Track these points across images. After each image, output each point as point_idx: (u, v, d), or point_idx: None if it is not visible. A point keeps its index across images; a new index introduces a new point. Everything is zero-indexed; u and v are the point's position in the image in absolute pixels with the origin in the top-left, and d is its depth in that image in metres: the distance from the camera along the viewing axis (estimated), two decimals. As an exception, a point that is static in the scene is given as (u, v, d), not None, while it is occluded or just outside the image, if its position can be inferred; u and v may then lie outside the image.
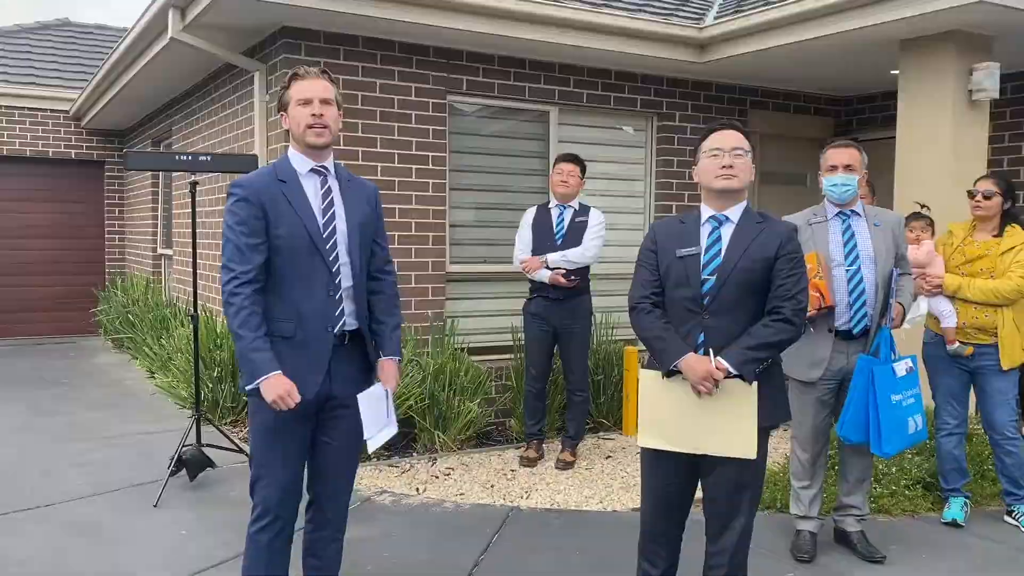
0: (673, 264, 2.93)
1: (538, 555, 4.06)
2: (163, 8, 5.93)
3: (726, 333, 2.85)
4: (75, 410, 7.00)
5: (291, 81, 2.89)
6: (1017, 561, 4.03)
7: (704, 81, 7.35)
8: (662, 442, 2.92)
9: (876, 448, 3.77)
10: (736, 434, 2.80)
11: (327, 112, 2.85)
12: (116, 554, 4.02)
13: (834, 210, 3.97)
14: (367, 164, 5.98)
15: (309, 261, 2.83)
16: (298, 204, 2.84)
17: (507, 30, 5.86)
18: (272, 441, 2.87)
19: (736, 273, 2.84)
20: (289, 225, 2.81)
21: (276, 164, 2.93)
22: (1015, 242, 4.36)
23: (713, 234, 2.93)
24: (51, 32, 12.69)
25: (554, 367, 5.83)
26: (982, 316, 4.34)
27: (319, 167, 2.93)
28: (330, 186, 2.93)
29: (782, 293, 2.84)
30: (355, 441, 3.01)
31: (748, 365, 2.79)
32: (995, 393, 4.39)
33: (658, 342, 2.90)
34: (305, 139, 2.85)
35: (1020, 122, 6.93)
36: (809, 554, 4.00)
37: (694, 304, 2.89)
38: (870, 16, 5.39)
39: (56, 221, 11.53)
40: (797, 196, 7.89)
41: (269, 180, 2.85)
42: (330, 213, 2.90)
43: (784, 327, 2.83)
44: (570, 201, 5.53)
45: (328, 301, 2.87)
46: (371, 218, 3.02)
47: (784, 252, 2.86)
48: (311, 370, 2.84)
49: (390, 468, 5.39)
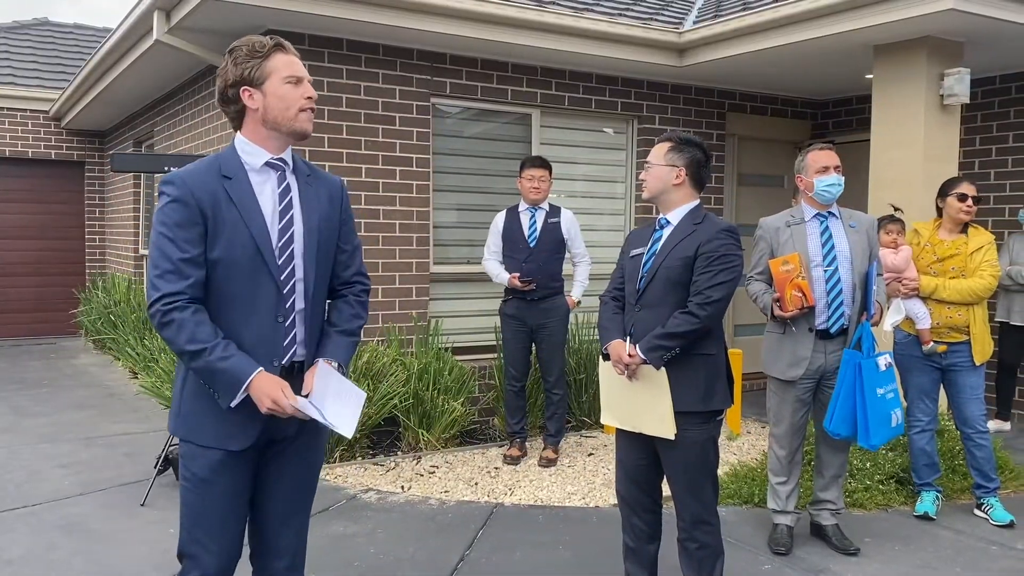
0: (627, 264, 3.35)
1: (522, 551, 4.14)
2: (148, 10, 5.95)
3: (649, 324, 3.17)
4: (59, 411, 7.00)
5: (273, 51, 2.32)
6: (986, 552, 4.16)
7: (684, 84, 7.46)
8: (615, 421, 3.32)
9: (864, 441, 3.87)
10: (655, 415, 3.13)
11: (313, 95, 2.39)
12: (105, 553, 4.05)
13: (812, 211, 4.07)
14: (351, 166, 6.04)
15: (253, 279, 2.27)
16: (244, 207, 2.27)
17: (490, 34, 5.94)
18: (205, 497, 2.31)
19: (661, 271, 3.18)
20: (232, 234, 2.24)
21: (220, 156, 2.35)
22: (983, 241, 4.51)
23: (655, 236, 3.29)
24: (29, 31, 12.62)
25: (534, 366, 5.92)
26: (955, 315, 4.47)
27: (276, 160, 2.36)
28: (289, 183, 2.38)
29: (693, 288, 3.15)
30: (304, 486, 2.49)
31: (654, 352, 3.10)
32: (967, 388, 4.51)
33: (601, 330, 3.35)
34: (295, 124, 2.33)
35: (990, 126, 7.09)
36: (786, 547, 4.12)
37: (632, 299, 3.28)
38: (845, 22, 5.51)
39: (36, 222, 11.47)
40: (773, 197, 8.04)
41: (210, 176, 2.27)
42: (287, 218, 2.34)
43: (688, 319, 3.09)
44: (540, 203, 5.63)
45: (275, 328, 2.30)
46: (334, 221, 2.46)
47: (703, 251, 3.14)
48: (249, 415, 2.25)
49: (375, 466, 5.45)
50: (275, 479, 2.43)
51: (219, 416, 2.27)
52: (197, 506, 2.33)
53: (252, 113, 2.33)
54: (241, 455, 2.32)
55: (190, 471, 2.33)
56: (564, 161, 6.98)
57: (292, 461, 2.44)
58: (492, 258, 5.69)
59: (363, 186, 6.08)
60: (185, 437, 2.34)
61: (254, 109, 2.32)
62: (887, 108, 5.85)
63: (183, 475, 2.36)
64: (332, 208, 2.46)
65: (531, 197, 5.58)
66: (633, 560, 3.38)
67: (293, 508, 2.48)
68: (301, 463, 2.46)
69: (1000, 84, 7.01)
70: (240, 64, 2.31)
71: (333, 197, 2.47)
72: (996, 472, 4.61)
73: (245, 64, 2.31)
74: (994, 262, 4.48)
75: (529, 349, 5.70)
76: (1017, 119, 6.92)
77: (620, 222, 7.41)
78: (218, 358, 2.18)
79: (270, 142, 2.35)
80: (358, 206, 6.06)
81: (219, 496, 2.32)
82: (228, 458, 2.30)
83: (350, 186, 6.03)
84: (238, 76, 2.31)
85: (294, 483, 2.46)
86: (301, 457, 2.45)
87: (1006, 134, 6.99)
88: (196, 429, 2.31)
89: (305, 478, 2.49)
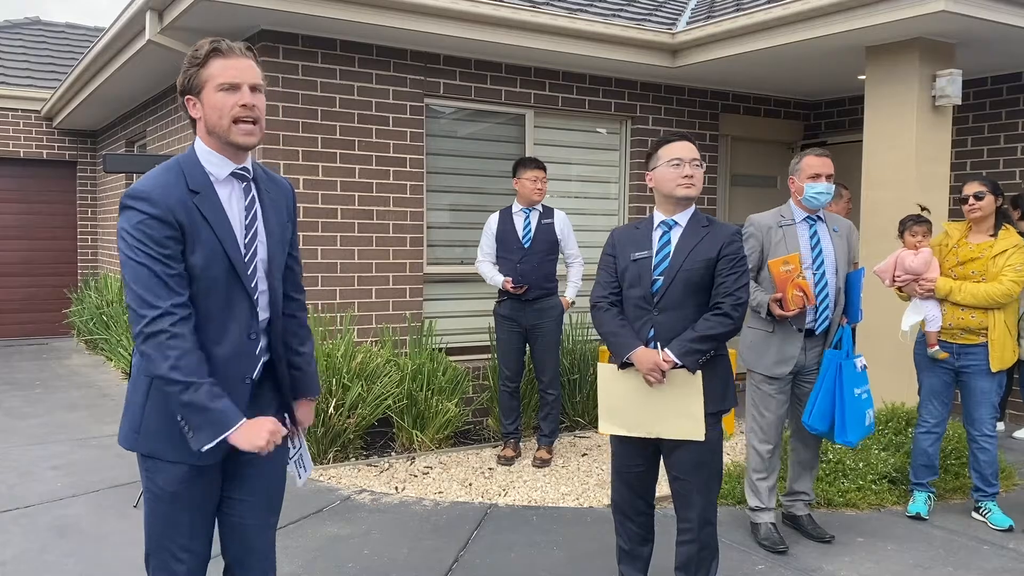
0: (629, 267, 3.21)
1: (516, 551, 4.14)
2: (140, 10, 5.94)
3: (673, 328, 3.12)
4: (51, 412, 6.98)
5: (209, 58, 2.19)
6: (979, 551, 4.18)
7: (677, 85, 7.47)
8: (620, 429, 3.21)
9: (840, 437, 4.02)
10: (685, 419, 3.08)
11: (259, 103, 2.23)
12: (98, 554, 4.04)
13: (802, 214, 4.14)
14: (345, 166, 6.04)
15: (227, 295, 2.23)
16: (217, 223, 2.20)
17: (484, 35, 5.95)
18: (173, 508, 2.28)
19: (681, 273, 3.11)
20: (206, 250, 2.18)
21: (183, 166, 2.22)
22: (1007, 244, 4.37)
23: (663, 238, 3.20)
24: (21, 31, 12.57)
25: (529, 367, 5.93)
26: (968, 317, 4.38)
27: (240, 170, 2.28)
28: (254, 195, 2.32)
29: (723, 290, 3.11)
30: (273, 494, 2.47)
31: (690, 356, 3.06)
32: (978, 392, 4.44)
33: (613, 337, 3.19)
34: (230, 136, 2.20)
35: (982, 127, 7.12)
36: (784, 545, 4.14)
37: (645, 302, 3.17)
38: (838, 23, 5.53)
39: (27, 222, 11.43)
40: (767, 198, 8.06)
41: (179, 190, 2.17)
42: (253, 230, 2.29)
43: (724, 320, 3.09)
44: (537, 204, 5.64)
45: (246, 345, 2.28)
46: (288, 229, 2.43)
47: (725, 253, 3.12)
48: None
49: (369, 467, 5.45)
50: (247, 490, 2.41)
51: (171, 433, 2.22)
52: (166, 517, 2.29)
53: (199, 123, 2.26)
54: (210, 469, 2.30)
55: (156, 485, 2.28)
56: (558, 162, 6.99)
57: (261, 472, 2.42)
58: (485, 259, 5.69)
59: (356, 187, 6.08)
60: (150, 454, 2.26)
61: (198, 119, 2.25)
62: (879, 109, 5.88)
63: (148, 487, 2.31)
64: (287, 215, 2.43)
65: (534, 198, 5.59)
66: (628, 562, 3.41)
67: (265, 517, 2.47)
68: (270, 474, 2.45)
69: (991, 85, 7.05)
70: (183, 72, 2.24)
71: (288, 204, 2.44)
72: (998, 478, 4.57)
73: (186, 72, 2.23)
74: (1018, 267, 4.30)
75: (523, 350, 5.71)
76: (1008, 120, 6.95)
77: (614, 222, 7.42)
78: (212, 396, 2.10)
79: (228, 152, 2.25)
80: (352, 206, 6.06)
81: (187, 507, 2.30)
82: (195, 471, 2.27)
83: (344, 187, 6.03)
84: (181, 85, 2.25)
85: (266, 493, 2.45)
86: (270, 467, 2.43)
87: (997, 135, 7.02)
88: (161, 446, 2.24)
89: (275, 488, 2.48)
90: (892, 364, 5.55)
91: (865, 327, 5.69)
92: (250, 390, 2.30)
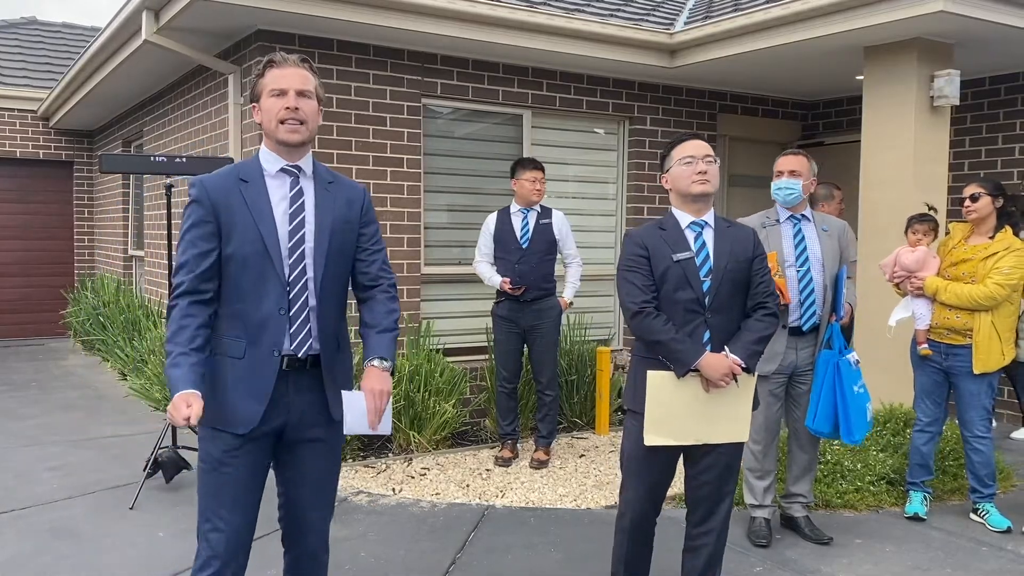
0: (671, 268, 3.05)
1: (514, 553, 4.13)
2: (137, 10, 5.92)
3: (726, 329, 3.08)
4: (47, 413, 6.95)
5: (265, 69, 2.54)
6: (977, 553, 4.17)
7: (674, 85, 7.46)
8: (669, 439, 3.06)
9: (847, 437, 4.01)
10: (736, 421, 3.06)
11: (304, 106, 2.52)
12: (94, 556, 4.02)
13: (786, 214, 4.20)
14: (342, 167, 6.02)
15: (261, 274, 2.48)
16: (256, 208, 2.49)
17: (481, 35, 5.93)
18: (218, 477, 2.50)
19: (728, 273, 3.07)
20: (243, 231, 2.47)
21: (243, 162, 2.60)
22: (1000, 247, 4.35)
23: (698, 239, 3.12)
24: (18, 31, 12.54)
25: (527, 368, 5.91)
26: (953, 317, 4.40)
27: (291, 166, 2.58)
28: (302, 188, 2.58)
29: (763, 289, 3.11)
30: (325, 478, 2.66)
31: (754, 358, 3.07)
32: (966, 394, 4.45)
33: (675, 343, 3.00)
34: (277, 135, 2.51)
35: (980, 127, 7.12)
36: (766, 539, 4.22)
37: (696, 305, 3.05)
38: (835, 24, 5.52)
39: (24, 222, 11.40)
40: (765, 199, 8.00)
41: (229, 180, 2.51)
42: (299, 219, 2.54)
43: (773, 320, 3.12)
44: (534, 205, 5.63)
45: (278, 320, 2.50)
46: (353, 224, 2.64)
47: (757, 252, 3.14)
48: (252, 398, 2.48)
49: (366, 468, 5.43)
50: (298, 467, 2.62)
51: (222, 402, 2.49)
52: (211, 486, 2.51)
53: (261, 126, 2.58)
54: (253, 441, 2.51)
55: (206, 452, 2.53)
56: (555, 162, 6.97)
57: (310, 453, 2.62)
58: (483, 260, 5.68)
59: (354, 187, 6.05)
60: (205, 422, 2.51)
61: (259, 123, 2.57)
62: (877, 109, 5.87)
63: (200, 456, 2.56)
64: (351, 211, 2.64)
65: (533, 198, 5.58)
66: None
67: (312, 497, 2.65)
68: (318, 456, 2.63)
69: (990, 86, 7.04)
70: (252, 82, 2.60)
71: (353, 201, 2.66)
72: (994, 479, 4.56)
73: (254, 82, 2.59)
74: (1004, 270, 4.27)
75: (521, 351, 5.70)
76: (1007, 120, 6.95)
77: (611, 223, 7.41)
78: (170, 364, 2.39)
79: (281, 150, 2.56)
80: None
81: (231, 477, 2.50)
82: (238, 441, 2.49)
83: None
84: (249, 95, 2.61)
85: (315, 474, 2.64)
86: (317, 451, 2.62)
87: (995, 135, 7.02)
88: (211, 414, 2.49)
89: (325, 469, 2.66)
90: (890, 365, 5.54)
91: (863, 328, 5.69)
92: (278, 364, 2.49)
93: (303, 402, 2.56)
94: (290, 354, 2.52)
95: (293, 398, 2.54)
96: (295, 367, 2.53)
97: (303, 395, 2.56)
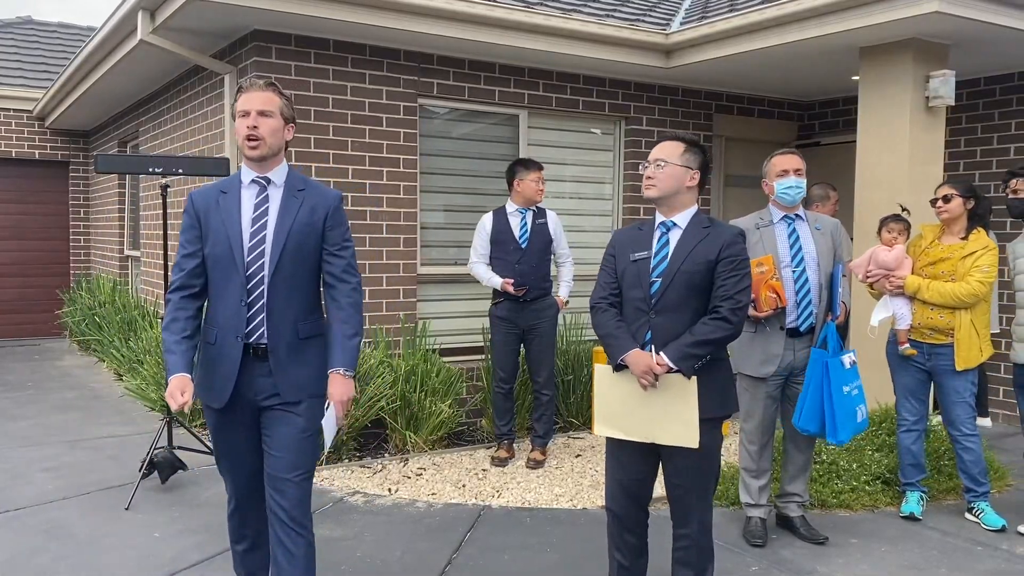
0: (628, 267, 3.17)
1: (509, 553, 4.13)
2: (132, 10, 5.91)
3: (671, 331, 3.07)
4: (43, 413, 6.94)
5: (238, 94, 2.92)
6: (972, 552, 4.18)
7: (671, 86, 7.47)
8: (617, 431, 3.17)
9: (832, 437, 3.99)
10: (680, 425, 3.02)
11: (262, 124, 2.86)
12: (90, 557, 4.02)
13: (780, 214, 4.19)
14: (338, 167, 6.02)
15: (226, 270, 2.88)
16: (227, 215, 2.89)
17: (477, 35, 5.93)
18: (216, 439, 3.04)
19: (680, 275, 3.07)
20: (216, 234, 2.89)
21: (230, 176, 3.03)
22: (977, 246, 4.43)
23: (661, 239, 3.16)
24: (13, 30, 12.51)
25: (523, 368, 5.91)
26: (937, 317, 4.45)
27: (260, 178, 2.94)
28: (268, 195, 2.93)
29: (721, 293, 3.06)
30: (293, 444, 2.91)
31: (686, 360, 3.01)
32: (951, 392, 4.50)
33: (609, 339, 3.16)
34: (243, 151, 2.89)
35: (975, 127, 7.13)
36: (761, 539, 4.22)
37: (643, 304, 3.13)
38: (831, 24, 5.53)
39: (19, 222, 11.38)
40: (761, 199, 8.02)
41: (212, 192, 2.95)
42: (260, 223, 2.89)
43: (722, 324, 3.03)
44: (535, 205, 5.63)
45: (240, 311, 2.88)
46: (315, 227, 2.94)
47: (725, 255, 3.07)
48: (223, 377, 2.90)
49: (362, 469, 5.43)
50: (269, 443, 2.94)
51: (202, 380, 2.96)
52: (215, 444, 3.05)
53: None
54: (232, 412, 2.94)
55: (207, 419, 3.03)
56: (552, 162, 6.97)
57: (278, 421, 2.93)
58: (480, 261, 5.66)
59: (350, 187, 6.06)
60: (199, 397, 2.96)
61: None
62: (873, 110, 5.88)
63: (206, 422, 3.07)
64: (313, 216, 2.95)
65: (537, 199, 5.59)
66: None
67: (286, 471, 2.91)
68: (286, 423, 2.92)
69: (985, 86, 7.06)
70: None
71: (317, 207, 2.96)
72: (987, 476, 4.58)
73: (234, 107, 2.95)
74: (985, 267, 4.36)
75: (519, 351, 5.69)
76: (1001, 121, 6.96)
77: (608, 223, 7.41)
78: (166, 351, 2.87)
79: (252, 164, 2.94)
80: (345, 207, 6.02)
81: (223, 449, 3.03)
82: (219, 414, 2.96)
83: (337, 187, 6.00)
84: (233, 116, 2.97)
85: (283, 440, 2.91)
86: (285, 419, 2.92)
87: (991, 136, 7.03)
88: (200, 391, 2.97)
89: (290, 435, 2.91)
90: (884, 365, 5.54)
91: (858, 328, 5.70)
92: (240, 349, 2.88)
93: (266, 383, 2.91)
94: (248, 342, 2.89)
95: (256, 379, 2.91)
96: (257, 353, 2.90)
97: (266, 378, 2.91)
